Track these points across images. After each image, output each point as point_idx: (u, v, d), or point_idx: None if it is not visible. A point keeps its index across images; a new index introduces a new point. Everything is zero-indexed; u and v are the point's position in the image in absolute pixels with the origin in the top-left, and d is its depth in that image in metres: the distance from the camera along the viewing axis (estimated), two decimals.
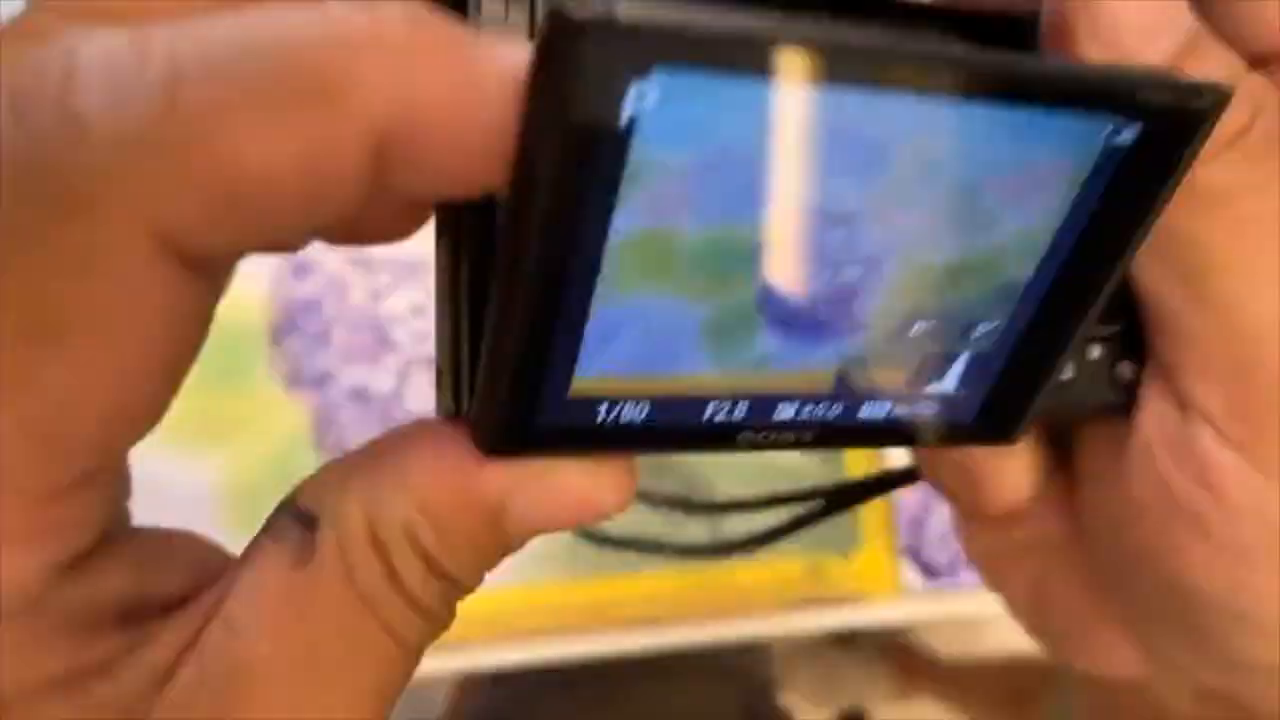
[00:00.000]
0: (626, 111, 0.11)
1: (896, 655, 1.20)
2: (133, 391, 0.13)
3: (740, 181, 0.12)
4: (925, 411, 0.16)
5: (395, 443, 0.14)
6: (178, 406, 0.40)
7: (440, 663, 0.39)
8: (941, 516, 0.46)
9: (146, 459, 0.38)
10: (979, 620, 1.39)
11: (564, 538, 0.40)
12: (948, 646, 1.25)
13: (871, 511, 0.45)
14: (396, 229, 0.13)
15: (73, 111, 0.10)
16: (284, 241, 0.12)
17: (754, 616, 0.42)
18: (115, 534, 0.16)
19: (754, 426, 0.16)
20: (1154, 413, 0.17)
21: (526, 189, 0.11)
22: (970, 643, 1.33)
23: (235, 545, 0.38)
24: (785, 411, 0.16)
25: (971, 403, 0.16)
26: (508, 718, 0.65)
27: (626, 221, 0.12)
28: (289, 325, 0.40)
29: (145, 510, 0.38)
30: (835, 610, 0.44)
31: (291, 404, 0.39)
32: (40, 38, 0.11)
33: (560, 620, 0.40)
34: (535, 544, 0.41)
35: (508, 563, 0.40)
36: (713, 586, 0.42)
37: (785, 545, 0.44)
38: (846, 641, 1.27)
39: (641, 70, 0.11)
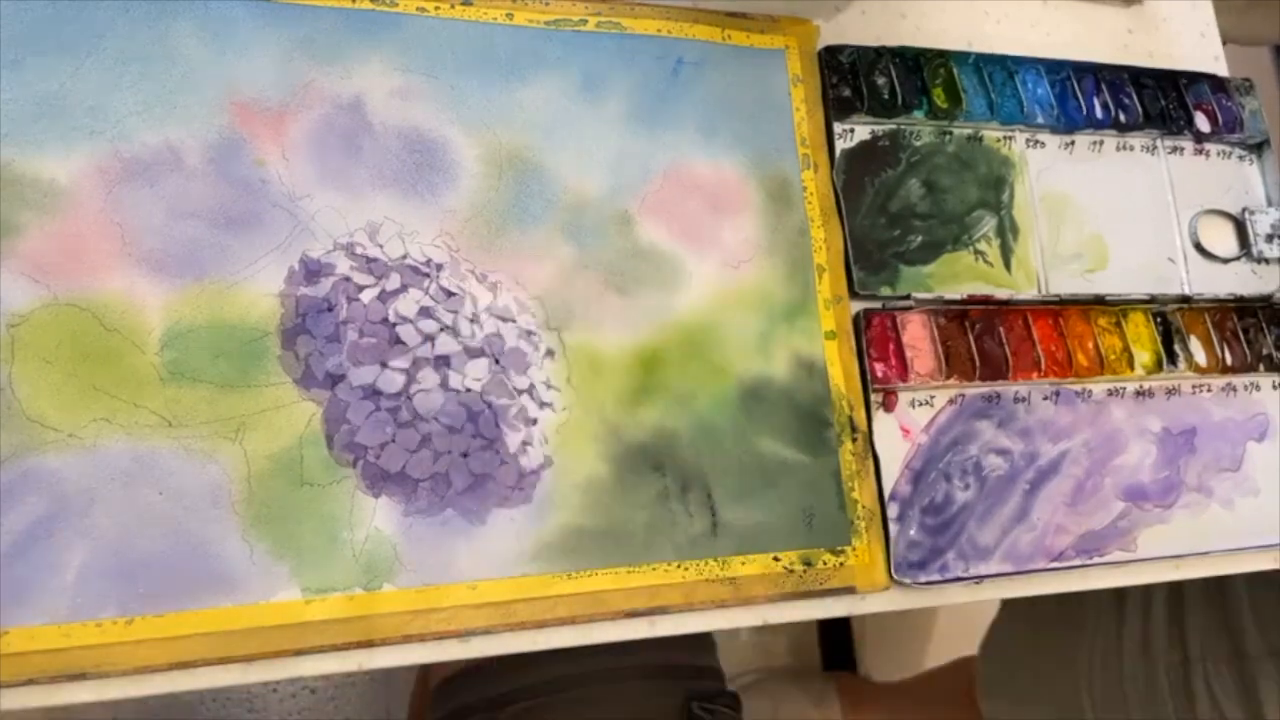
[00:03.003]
0: None
1: (844, 686, 1.20)
2: None
3: None
4: None
5: None
6: (191, 406, 0.42)
7: (445, 650, 0.40)
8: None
9: (161, 458, 0.39)
10: (924, 638, 1.38)
11: (564, 530, 0.41)
12: (895, 673, 1.25)
13: (863, 509, 0.46)
14: None
15: None
16: None
17: (750, 607, 0.43)
18: None
19: None
20: None
21: None
22: (915, 666, 1.33)
23: (247, 542, 0.39)
24: None
25: None
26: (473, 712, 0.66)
27: None
28: (300, 326, 0.40)
29: (161, 508, 0.40)
30: (828, 601, 0.45)
31: (303, 404, 0.40)
32: None
33: (558, 611, 0.41)
34: (535, 537, 0.42)
35: (507, 555, 0.42)
36: (708, 579, 0.43)
37: (780, 541, 0.45)
38: (796, 673, 1.27)
39: None
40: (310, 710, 1.15)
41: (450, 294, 0.42)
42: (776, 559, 0.44)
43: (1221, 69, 0.61)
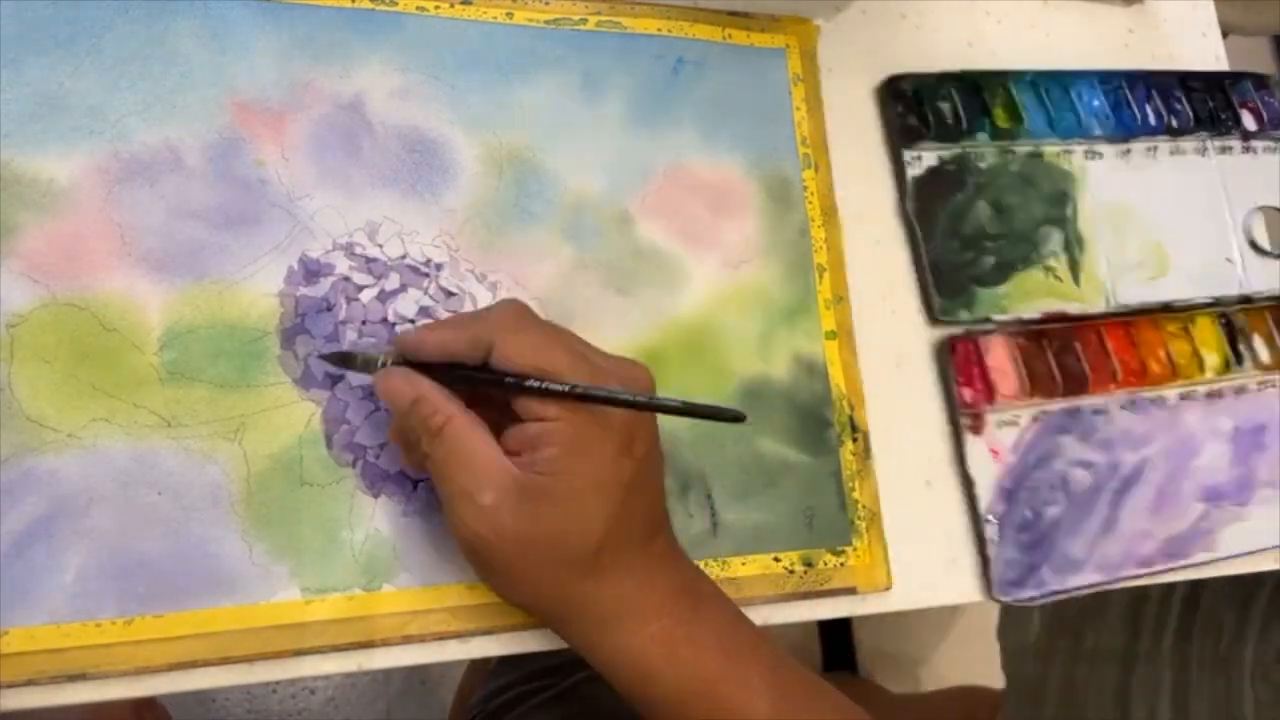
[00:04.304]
0: None
1: (844, 688, 1.19)
2: None
3: None
4: None
5: None
6: (191, 406, 0.42)
7: (445, 650, 0.40)
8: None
9: (161, 457, 0.39)
10: (935, 652, 1.37)
11: None
12: (899, 684, 1.24)
13: (864, 509, 0.46)
14: None
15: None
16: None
17: (749, 608, 0.43)
18: None
19: None
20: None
21: None
22: (923, 680, 1.32)
23: (247, 542, 0.39)
24: None
25: None
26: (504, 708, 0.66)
27: None
28: (299, 326, 0.40)
29: (161, 508, 0.40)
30: (828, 602, 0.45)
31: (302, 403, 0.40)
32: None
33: None
34: None
35: None
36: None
37: (780, 541, 0.45)
38: None
39: None
40: (310, 710, 1.15)
41: (450, 294, 0.42)
42: (777, 559, 0.44)
43: (1223, 68, 0.61)
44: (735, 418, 0.30)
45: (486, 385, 0.36)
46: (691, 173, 0.48)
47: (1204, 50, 0.61)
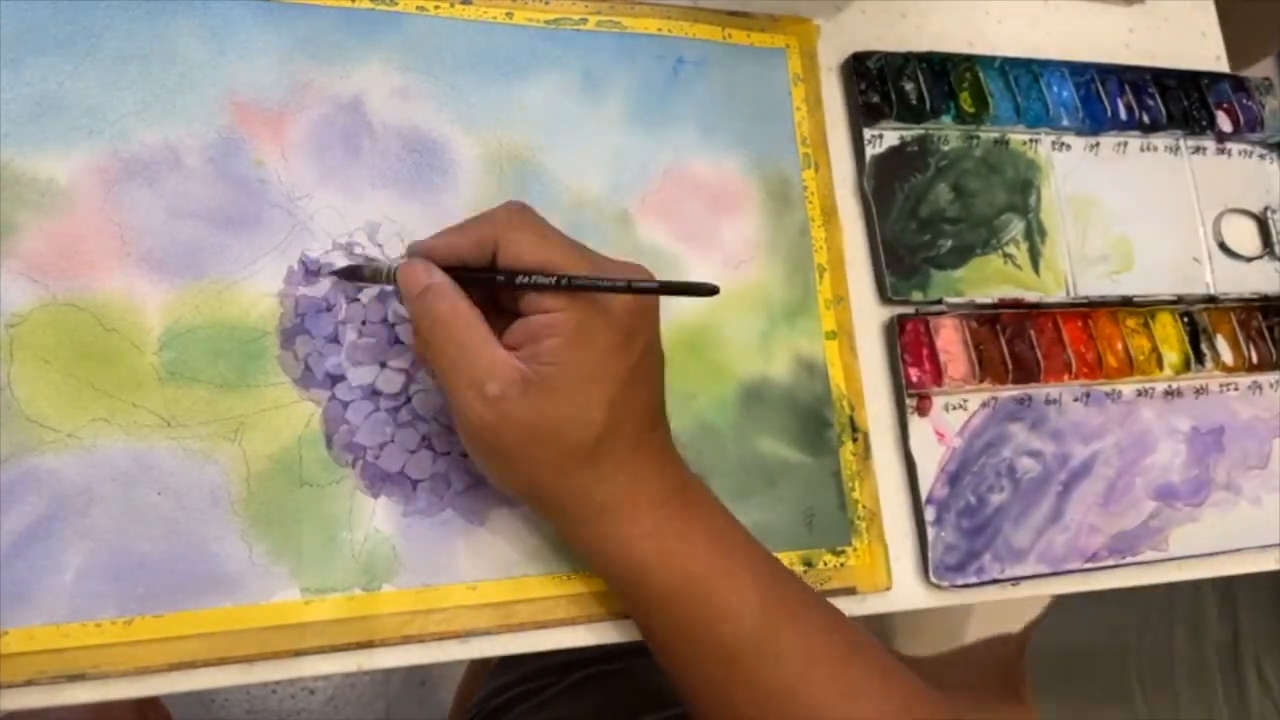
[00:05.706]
0: None
1: None
2: None
3: None
4: None
5: None
6: (190, 406, 0.42)
7: (445, 651, 0.40)
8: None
9: (160, 457, 0.39)
10: (960, 616, 1.36)
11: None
12: (931, 648, 1.24)
13: (864, 509, 0.46)
14: None
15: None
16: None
17: None
18: None
19: None
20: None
21: None
22: (951, 641, 1.32)
23: (247, 542, 0.39)
24: None
25: None
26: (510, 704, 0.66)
27: None
28: (299, 326, 0.40)
29: (160, 508, 0.40)
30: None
31: (302, 404, 0.40)
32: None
33: (558, 612, 0.41)
34: (535, 538, 0.42)
35: (507, 555, 0.42)
36: None
37: (780, 541, 0.45)
38: None
39: None
40: (310, 710, 1.15)
41: None
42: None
43: (1223, 69, 0.61)
44: (710, 291, 0.33)
45: (491, 283, 0.36)
46: (691, 173, 0.48)
47: (1204, 50, 0.61)
